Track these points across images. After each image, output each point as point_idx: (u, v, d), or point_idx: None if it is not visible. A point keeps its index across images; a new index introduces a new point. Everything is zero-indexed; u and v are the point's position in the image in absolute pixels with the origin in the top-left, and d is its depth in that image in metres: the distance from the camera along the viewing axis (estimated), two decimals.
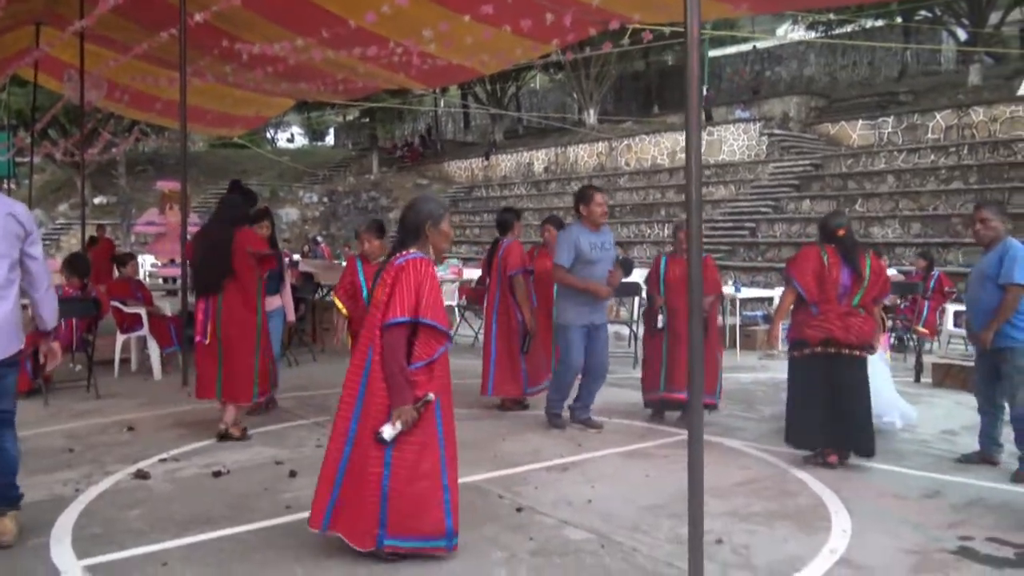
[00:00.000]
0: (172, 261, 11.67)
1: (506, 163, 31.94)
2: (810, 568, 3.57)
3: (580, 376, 6.15)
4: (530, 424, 6.28)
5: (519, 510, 4.26)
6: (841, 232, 5.31)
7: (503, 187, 30.32)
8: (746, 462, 5.34)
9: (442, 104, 45.52)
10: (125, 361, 8.38)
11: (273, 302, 6.46)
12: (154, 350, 8.01)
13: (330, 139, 62.34)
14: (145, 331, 8.01)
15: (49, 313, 3.82)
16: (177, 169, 9.93)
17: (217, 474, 4.85)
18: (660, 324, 6.25)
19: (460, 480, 4.70)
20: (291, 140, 62.31)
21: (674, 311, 6.23)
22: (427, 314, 3.41)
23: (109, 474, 4.85)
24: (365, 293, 5.13)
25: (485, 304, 6.96)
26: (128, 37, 9.88)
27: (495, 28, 7.75)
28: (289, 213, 31.33)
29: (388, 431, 3.31)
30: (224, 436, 5.62)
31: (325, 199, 32.70)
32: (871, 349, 5.29)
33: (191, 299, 6.27)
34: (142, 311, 8.01)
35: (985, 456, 5.25)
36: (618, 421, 6.40)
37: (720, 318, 9.10)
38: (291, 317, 7.00)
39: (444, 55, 9.27)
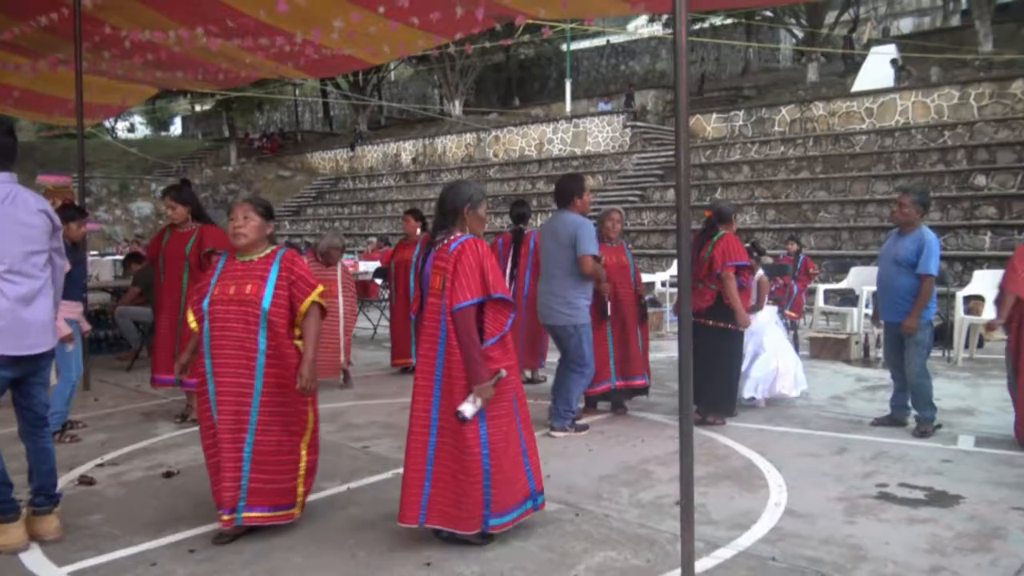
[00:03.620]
0: None
1: (372, 154, 31.64)
2: (763, 519, 3.99)
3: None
4: None
5: None
6: (706, 214, 6.13)
7: (371, 178, 30.05)
8: (673, 432, 5.68)
9: (297, 93, 44.40)
10: None
11: (75, 310, 5.70)
12: None
13: (176, 129, 59.41)
14: None
15: (58, 304, 3.79)
16: (56, 163, 9.36)
17: (168, 474, 4.76)
18: (608, 312, 6.16)
19: None
20: (132, 130, 58.90)
21: (616, 299, 6.19)
22: (497, 288, 3.51)
23: None
24: (208, 295, 3.71)
25: (514, 289, 7.22)
26: None
27: (403, 20, 7.81)
28: (141, 207, 29.69)
29: (469, 409, 3.42)
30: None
31: None
32: (722, 319, 5.92)
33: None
34: None
35: (895, 419, 5.86)
36: (544, 403, 6.67)
37: None
38: (86, 327, 6.07)
39: (339, 45, 9.20)
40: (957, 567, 3.43)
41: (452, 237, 3.64)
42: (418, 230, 8.34)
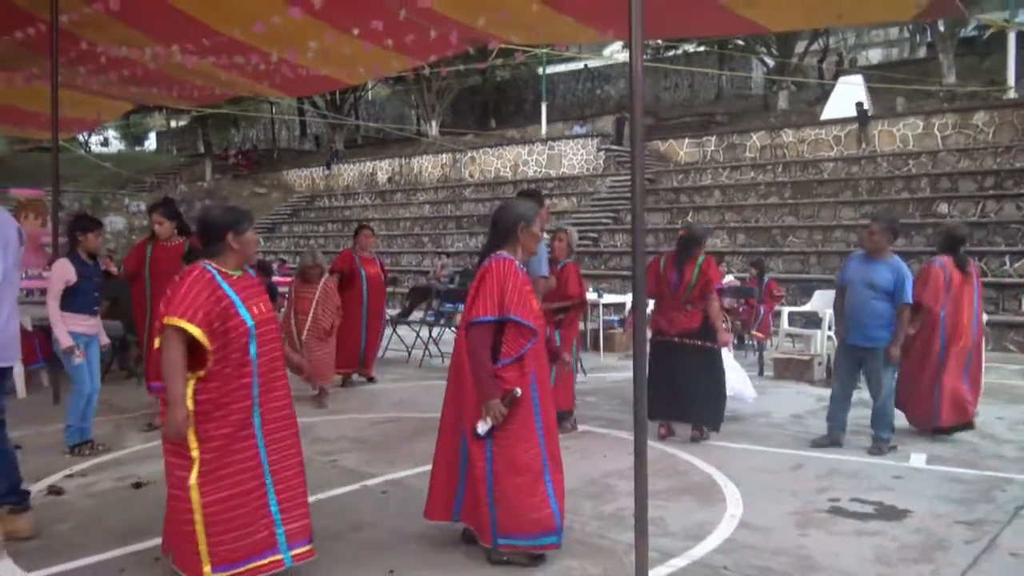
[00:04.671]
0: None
1: (348, 173, 31.69)
2: (719, 531, 4.13)
3: None
4: (425, 427, 6.55)
5: None
6: (680, 233, 6.23)
7: (347, 197, 30.10)
8: None
9: (274, 111, 44.43)
10: None
11: (96, 324, 5.69)
12: (18, 367, 7.55)
13: (151, 144, 59.08)
14: None
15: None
16: (27, 176, 9.37)
17: (138, 485, 4.81)
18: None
19: (382, 477, 4.98)
20: (106, 144, 58.50)
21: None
22: (511, 310, 3.57)
23: None
24: (248, 316, 3.28)
25: None
26: None
27: (377, 42, 7.97)
28: (115, 222, 29.44)
29: (481, 426, 3.54)
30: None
31: None
32: (709, 339, 6.07)
33: None
34: None
35: (834, 439, 6.00)
36: None
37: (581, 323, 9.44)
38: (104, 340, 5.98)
39: (314, 65, 9.34)
40: None
41: (491, 255, 3.74)
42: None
